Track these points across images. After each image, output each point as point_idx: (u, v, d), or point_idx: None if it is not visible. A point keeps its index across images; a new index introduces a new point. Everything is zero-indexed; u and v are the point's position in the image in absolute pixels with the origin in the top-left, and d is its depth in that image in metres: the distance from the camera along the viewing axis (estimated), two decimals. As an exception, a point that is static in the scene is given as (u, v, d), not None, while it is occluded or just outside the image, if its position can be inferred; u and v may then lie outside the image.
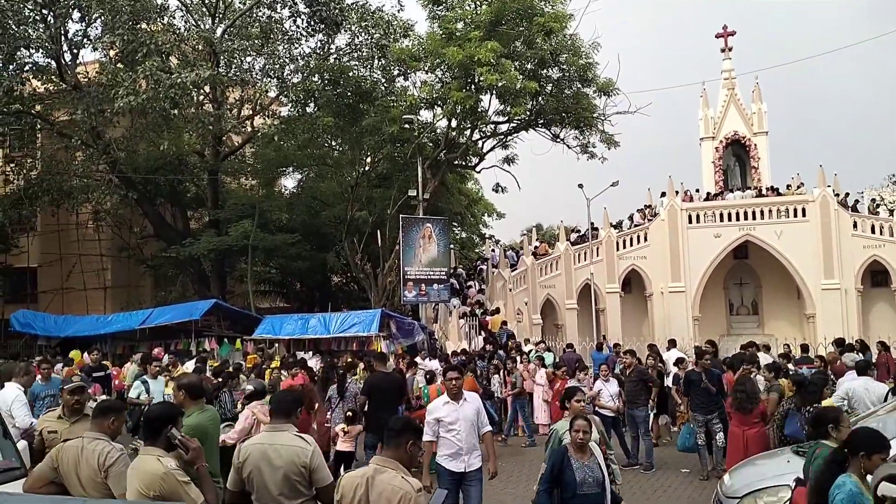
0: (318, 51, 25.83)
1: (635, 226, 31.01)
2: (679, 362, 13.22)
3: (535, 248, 32.06)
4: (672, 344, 16.65)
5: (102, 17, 22.03)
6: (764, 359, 13.43)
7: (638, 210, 32.12)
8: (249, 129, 28.16)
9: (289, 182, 34.09)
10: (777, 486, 6.44)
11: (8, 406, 7.66)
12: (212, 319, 20.09)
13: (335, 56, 25.90)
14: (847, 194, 30.33)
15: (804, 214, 28.25)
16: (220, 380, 11.19)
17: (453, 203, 31.05)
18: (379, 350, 17.07)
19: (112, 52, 23.15)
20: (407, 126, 22.82)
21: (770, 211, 28.73)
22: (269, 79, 25.99)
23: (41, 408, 8.51)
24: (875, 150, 77.37)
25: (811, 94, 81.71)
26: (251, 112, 27.61)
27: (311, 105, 25.31)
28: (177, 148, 24.81)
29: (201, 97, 25.61)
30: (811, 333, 26.12)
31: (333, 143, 28.00)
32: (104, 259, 29.04)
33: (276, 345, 18.93)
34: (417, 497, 3.81)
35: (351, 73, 24.48)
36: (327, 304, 25.60)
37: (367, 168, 27.41)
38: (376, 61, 25.35)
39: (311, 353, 17.68)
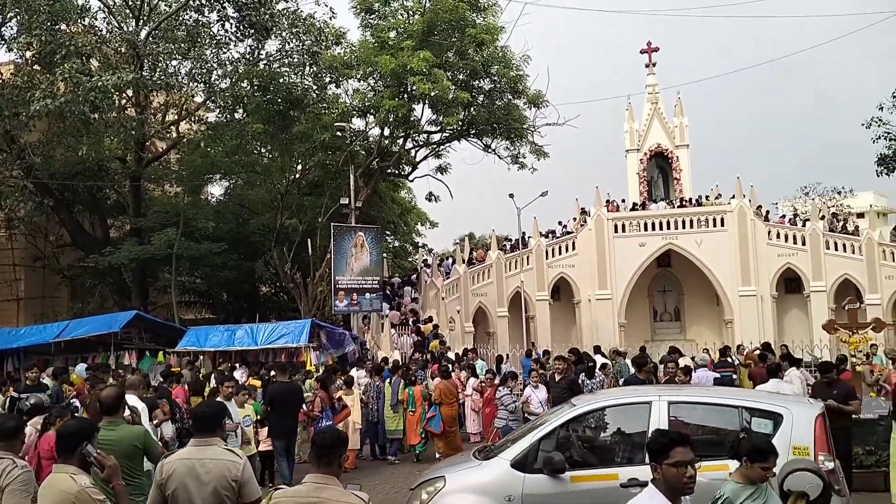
0: (248, 56, 25.35)
1: (567, 233, 31.65)
2: (603, 368, 13.56)
3: (472, 255, 32.34)
4: (596, 350, 17.06)
5: (18, 17, 21.00)
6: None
7: (573, 218, 32.81)
8: (175, 134, 27.34)
9: (216, 189, 33.28)
10: (433, 479, 6.70)
11: None
12: (132, 332, 19.29)
13: (265, 62, 25.48)
14: (759, 206, 31.77)
15: (723, 224, 29.47)
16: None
17: (386, 212, 31.00)
18: (308, 361, 16.84)
19: (28, 54, 22.07)
20: (339, 134, 22.67)
21: (691, 221, 29.85)
22: (195, 83, 25.33)
23: None
24: (790, 163, 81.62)
25: (731, 108, 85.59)
26: (177, 117, 26.83)
27: (240, 111, 24.81)
28: (97, 153, 23.86)
29: (123, 101, 24.74)
30: (730, 338, 27.21)
31: (263, 150, 27.50)
32: (17, 269, 27.57)
33: (202, 357, 18.36)
34: None
35: (281, 80, 24.12)
36: (255, 314, 25.06)
37: (297, 176, 27.03)
38: (307, 68, 25.07)
39: (237, 364, 17.25)
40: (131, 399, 7.55)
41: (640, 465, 6.10)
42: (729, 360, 15.51)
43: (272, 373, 13.74)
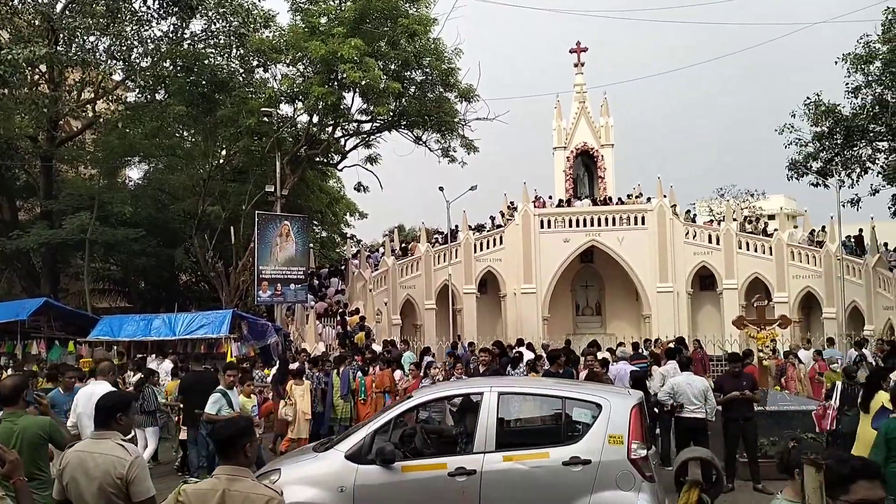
0: (171, 35, 24.35)
1: (497, 227, 31.98)
2: (538, 360, 13.79)
3: (407, 247, 32.22)
4: (520, 343, 17.31)
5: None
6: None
7: (501, 212, 33.14)
8: (91, 113, 26.05)
9: (134, 173, 31.98)
10: (268, 472, 6.97)
11: None
12: (41, 320, 18.34)
13: (189, 42, 24.56)
14: (674, 205, 32.93)
15: (643, 222, 30.41)
16: (143, 376, 12.13)
17: (313, 201, 30.53)
18: (229, 353, 16.44)
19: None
20: (265, 119, 22.15)
21: (613, 219, 30.66)
22: (114, 61, 24.17)
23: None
24: (707, 165, 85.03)
25: (655, 110, 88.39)
26: (93, 96, 25.57)
27: (162, 92, 23.87)
28: (6, 130, 22.56)
29: (36, 77, 23.41)
30: (647, 332, 28.12)
31: (185, 134, 26.59)
32: (-87, 252, 25.75)
33: (115, 347, 17.65)
34: (282, 500, 3.69)
35: (206, 61, 23.33)
36: (174, 304, 24.26)
37: (221, 161, 26.26)
38: (234, 50, 24.31)
39: (153, 356, 16.67)
40: (102, 386, 7.39)
41: (469, 454, 6.44)
42: (642, 353, 16.23)
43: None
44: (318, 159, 26.78)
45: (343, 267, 31.50)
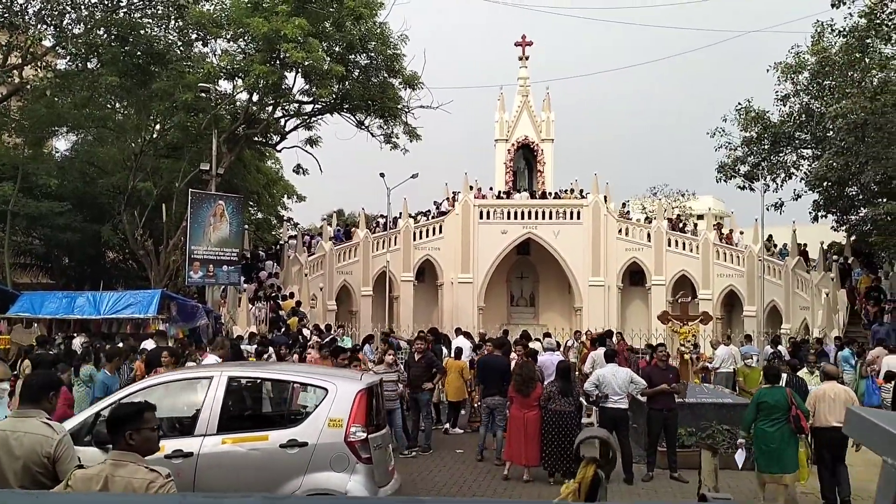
0: (106, 2, 23.39)
1: (442, 213, 32.07)
2: (477, 349, 13.97)
3: (350, 230, 32.02)
4: (458, 332, 17.48)
5: None
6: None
7: (447, 198, 33.23)
8: (17, 80, 24.75)
9: (61, 144, 30.62)
10: None
11: None
12: (-46, 293, 17.48)
13: (125, 10, 23.62)
14: (605, 198, 33.69)
15: (578, 217, 31.06)
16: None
17: (250, 181, 29.92)
18: (157, 331, 16.02)
19: None
20: (203, 95, 21.55)
21: (550, 212, 31.21)
22: (44, 26, 23.04)
23: None
24: (642, 164, 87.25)
25: (596, 107, 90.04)
26: (20, 61, 24.29)
27: (94, 61, 22.88)
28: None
29: (-45, 37, 22.11)
30: (578, 324, 28.81)
31: (117, 105, 25.62)
32: None
33: (35, 325, 16.95)
34: (167, 483, 3.66)
35: (142, 31, 22.45)
36: (99, 281, 23.42)
37: (154, 136, 25.43)
38: (172, 22, 23.45)
39: (75, 334, 16.10)
40: None
41: (189, 437, 6.62)
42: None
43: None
44: (256, 139, 26.25)
45: (278, 250, 31.07)
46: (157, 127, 25.45)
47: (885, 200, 20.91)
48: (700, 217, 47.80)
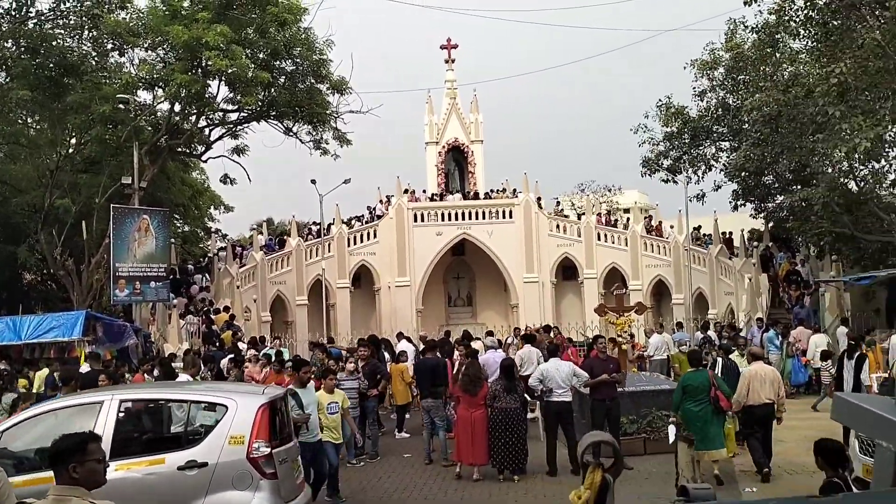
0: (14, 13, 22.23)
1: (378, 217, 31.87)
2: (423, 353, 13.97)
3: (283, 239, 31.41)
4: (400, 336, 17.44)
5: None
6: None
7: (381, 201, 33.03)
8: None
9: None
10: None
11: None
12: None
13: (35, 21, 22.53)
14: (539, 198, 34.27)
15: (511, 216, 31.48)
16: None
17: (175, 193, 28.98)
18: (83, 356, 15.34)
19: None
20: (122, 106, 20.77)
21: (483, 213, 31.52)
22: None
23: None
24: (570, 162, 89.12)
25: (523, 108, 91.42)
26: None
27: (3, 74, 21.75)
28: None
29: None
30: (515, 321, 29.19)
31: (30, 120, 24.41)
32: None
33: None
34: None
35: (54, 42, 21.47)
36: (18, 305, 22.24)
37: (71, 150, 24.32)
38: (86, 32, 22.51)
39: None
40: None
41: None
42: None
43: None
44: (180, 150, 25.44)
45: (208, 263, 30.24)
46: (74, 141, 24.38)
47: (799, 187, 21.99)
48: (627, 211, 49.36)
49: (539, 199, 32.53)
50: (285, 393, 7.52)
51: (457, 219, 31.23)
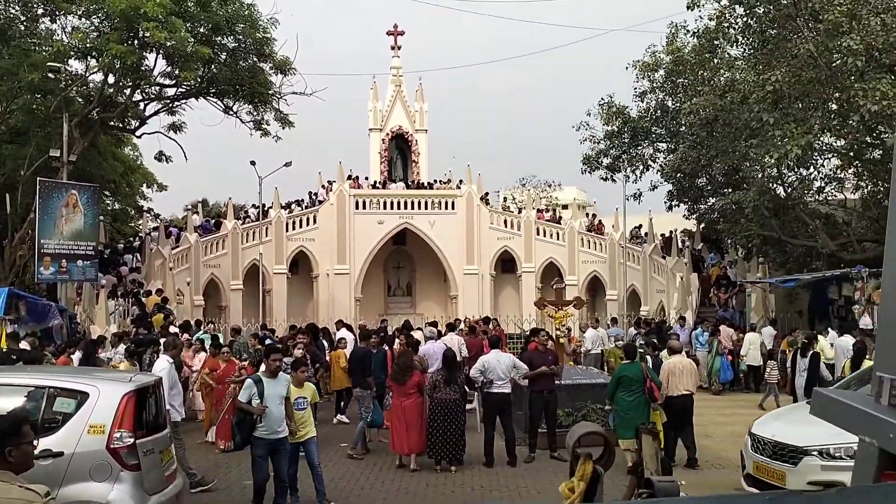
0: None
1: (319, 202, 31.35)
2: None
3: (219, 221, 30.49)
4: (339, 325, 17.25)
5: None
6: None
7: (323, 186, 32.50)
8: None
9: None
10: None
11: None
12: None
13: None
14: (486, 193, 34.58)
15: (453, 208, 31.52)
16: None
17: (106, 169, 27.81)
18: (3, 336, 14.58)
19: None
20: (52, 75, 19.75)
21: (426, 203, 31.46)
22: None
23: None
24: (512, 155, 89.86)
25: (467, 99, 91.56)
26: None
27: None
28: None
29: None
30: (454, 312, 29.30)
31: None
32: None
33: None
34: (46, 501, 3.34)
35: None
36: (-68, 280, 20.97)
37: (-6, 119, 23.04)
38: (15, -5, 21.38)
39: None
40: None
41: None
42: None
43: None
44: (112, 123, 24.46)
45: (139, 243, 29.19)
46: (-1, 109, 23.12)
47: (730, 191, 22.79)
48: (565, 207, 50.20)
49: (487, 194, 32.69)
50: (157, 381, 7.13)
51: (399, 208, 31.06)
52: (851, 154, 19.39)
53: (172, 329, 18.80)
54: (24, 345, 13.52)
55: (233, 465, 10.79)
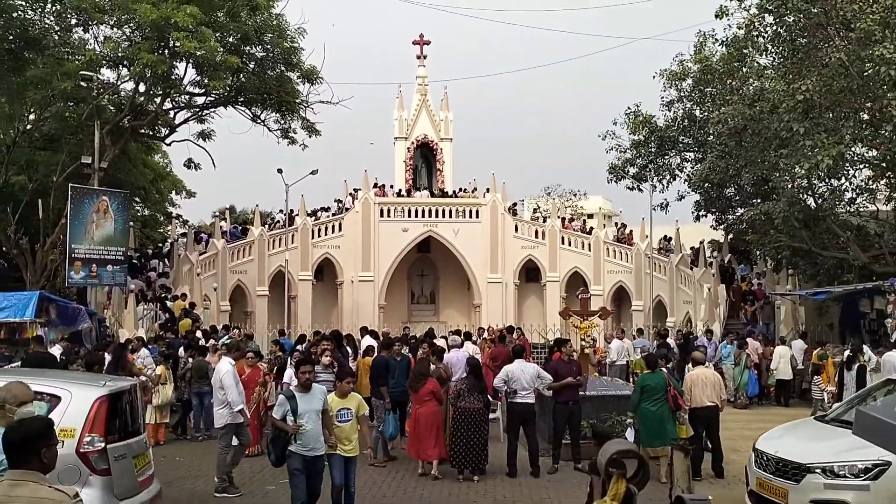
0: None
1: (345, 209, 31.57)
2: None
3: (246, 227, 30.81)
4: (364, 332, 17.30)
5: None
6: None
7: (349, 194, 32.70)
8: None
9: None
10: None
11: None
12: None
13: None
14: (514, 203, 34.57)
15: (477, 216, 31.54)
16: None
17: (136, 176, 28.26)
18: (35, 337, 14.86)
19: None
20: (84, 84, 20.12)
21: (450, 211, 31.53)
22: None
23: None
24: (537, 164, 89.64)
25: (492, 108, 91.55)
26: None
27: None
28: None
29: None
30: (477, 321, 29.26)
31: (-13, 94, 23.49)
32: None
33: None
34: (75, 503, 3.36)
35: (15, 14, 20.72)
36: (-33, 283, 21.43)
37: (29, 126, 23.57)
38: (49, 5, 21.79)
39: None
40: None
41: None
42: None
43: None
44: (143, 131, 24.82)
45: (167, 248, 29.58)
46: (32, 117, 23.63)
47: (759, 201, 22.43)
48: (590, 216, 49.90)
49: (514, 204, 32.62)
50: (132, 386, 7.07)
51: (423, 216, 31.16)
52: (884, 164, 18.98)
53: (198, 334, 19.04)
54: (57, 348, 13.77)
55: (256, 469, 10.84)
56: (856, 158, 19.23)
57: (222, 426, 9.68)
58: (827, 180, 19.79)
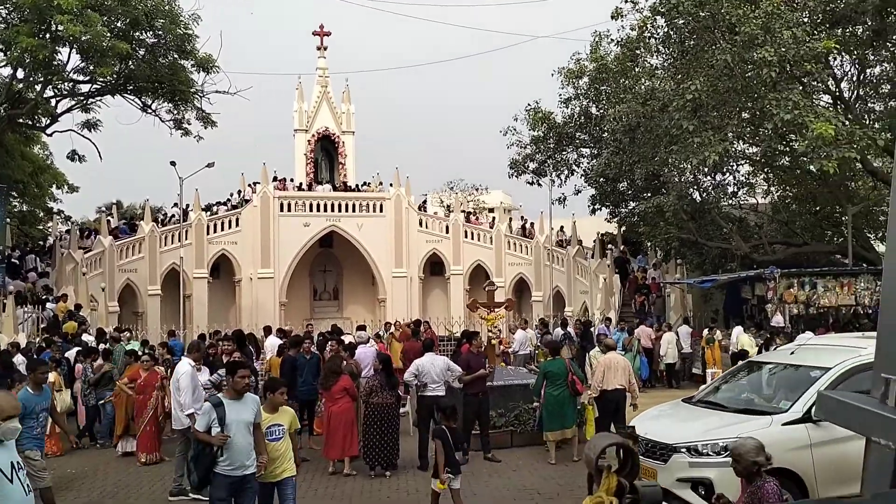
0: None
1: (246, 201, 30.50)
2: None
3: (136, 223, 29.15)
4: (267, 331, 16.85)
5: None
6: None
7: (249, 185, 31.60)
8: None
9: None
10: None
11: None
12: None
13: None
14: (425, 200, 34.60)
15: (381, 210, 31.37)
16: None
17: (13, 169, 26.22)
18: None
19: None
20: (-47, 68, 18.51)
21: (354, 205, 31.18)
22: None
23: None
24: (440, 159, 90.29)
25: (395, 102, 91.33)
26: None
27: None
28: None
29: None
30: (383, 316, 29.15)
31: None
32: None
33: None
34: None
35: None
36: None
37: None
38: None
39: None
40: None
41: None
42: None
43: None
44: (21, 121, 23.09)
45: (48, 247, 27.66)
46: None
47: (650, 195, 23.59)
48: (491, 210, 50.76)
49: (425, 202, 32.60)
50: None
51: (326, 210, 30.65)
52: (763, 160, 20.41)
53: (86, 337, 17.92)
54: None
55: (155, 478, 10.37)
56: (738, 154, 20.55)
57: (181, 428, 9.24)
58: (712, 175, 21.06)
